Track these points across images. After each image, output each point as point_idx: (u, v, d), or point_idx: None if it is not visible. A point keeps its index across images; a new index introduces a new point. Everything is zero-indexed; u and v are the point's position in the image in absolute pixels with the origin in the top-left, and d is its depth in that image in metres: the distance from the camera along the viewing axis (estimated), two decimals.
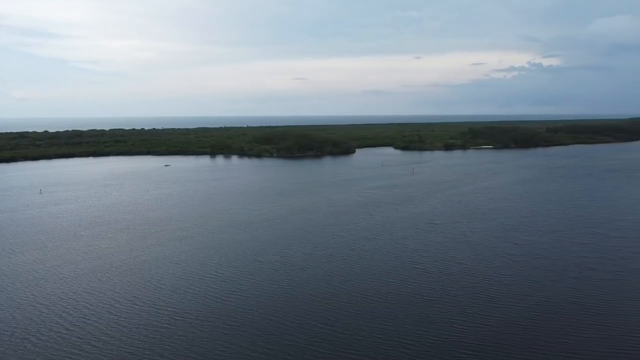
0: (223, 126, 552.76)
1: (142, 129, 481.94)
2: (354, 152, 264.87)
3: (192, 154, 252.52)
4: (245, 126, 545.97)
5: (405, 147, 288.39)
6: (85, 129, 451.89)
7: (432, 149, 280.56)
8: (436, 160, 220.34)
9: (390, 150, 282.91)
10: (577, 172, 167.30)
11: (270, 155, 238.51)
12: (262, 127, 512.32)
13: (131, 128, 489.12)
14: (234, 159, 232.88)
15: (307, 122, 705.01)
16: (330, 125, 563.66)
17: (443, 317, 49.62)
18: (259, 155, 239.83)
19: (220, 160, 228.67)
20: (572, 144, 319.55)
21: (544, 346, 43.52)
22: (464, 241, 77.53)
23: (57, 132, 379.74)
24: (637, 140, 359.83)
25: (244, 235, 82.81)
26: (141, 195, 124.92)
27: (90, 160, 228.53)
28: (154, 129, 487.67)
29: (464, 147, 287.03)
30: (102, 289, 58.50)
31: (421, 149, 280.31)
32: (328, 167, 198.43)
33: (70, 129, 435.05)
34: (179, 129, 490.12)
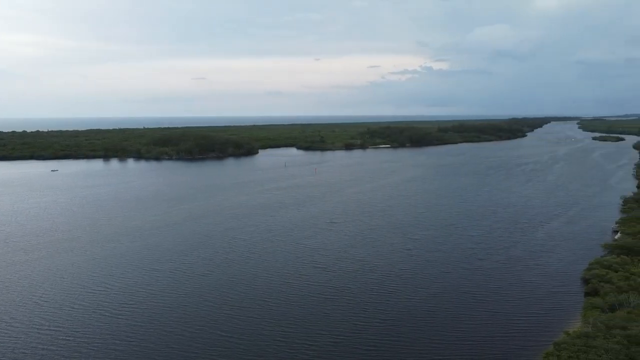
0: (117, 127, 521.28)
1: (24, 131, 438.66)
2: (257, 153, 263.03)
3: (83, 158, 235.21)
4: (142, 127, 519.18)
5: (307, 147, 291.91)
6: None
7: (333, 148, 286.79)
8: (337, 159, 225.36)
9: (293, 150, 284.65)
10: (465, 169, 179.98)
11: (170, 158, 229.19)
12: (160, 128, 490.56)
13: (11, 131, 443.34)
14: (130, 162, 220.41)
15: (207, 123, 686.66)
16: (232, 127, 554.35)
17: (345, 314, 50.35)
18: (157, 158, 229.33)
19: (114, 163, 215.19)
20: (460, 142, 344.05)
21: (440, 334, 45.75)
22: (363, 238, 79.66)
23: None
24: (515, 138, 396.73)
25: (139, 243, 78.26)
26: (23, 204, 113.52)
27: None
28: (37, 131, 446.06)
29: (363, 146, 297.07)
30: None
31: (323, 149, 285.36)
32: (230, 169, 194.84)
33: None
34: (66, 130, 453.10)
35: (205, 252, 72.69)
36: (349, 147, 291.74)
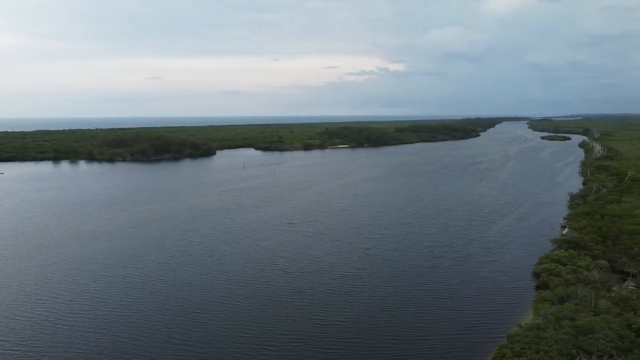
0: (67, 128, 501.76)
1: None
2: (215, 153, 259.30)
3: (31, 160, 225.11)
4: (94, 128, 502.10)
5: (266, 147, 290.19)
6: None
7: (292, 149, 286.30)
8: (296, 160, 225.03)
9: (251, 151, 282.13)
10: (421, 168, 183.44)
11: (124, 159, 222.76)
12: (113, 129, 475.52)
13: None
14: (82, 164, 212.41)
15: (163, 124, 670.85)
16: (189, 127, 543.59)
17: (304, 316, 50.10)
18: (110, 160, 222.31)
19: (65, 166, 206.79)
20: (417, 142, 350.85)
21: (399, 332, 46.19)
22: (321, 239, 79.68)
23: None
24: (469, 138, 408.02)
25: (91, 247, 75.37)
26: None
27: None
28: None
29: (322, 146, 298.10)
30: None
31: (282, 149, 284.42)
32: (187, 170, 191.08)
33: None
34: (12, 132, 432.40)
35: (161, 256, 70.83)
36: (307, 147, 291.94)
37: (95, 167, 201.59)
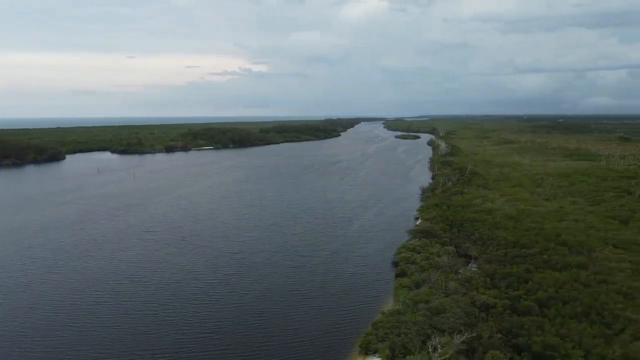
0: None
1: None
2: (64, 158, 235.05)
3: None
4: None
5: (124, 150, 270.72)
6: None
7: (153, 151, 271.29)
8: (158, 163, 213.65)
9: (107, 154, 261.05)
10: (286, 168, 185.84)
11: None
12: None
13: None
14: None
15: (0, 126, 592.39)
16: (34, 129, 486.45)
17: (168, 330, 46.99)
18: None
19: None
20: (282, 142, 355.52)
21: (270, 335, 45.57)
22: (185, 246, 76.09)
23: None
24: (330, 137, 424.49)
25: None
26: None
27: None
28: None
29: (185, 148, 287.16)
30: None
31: (142, 152, 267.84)
32: (30, 178, 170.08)
33: None
34: None
35: None
36: (170, 149, 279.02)
37: None
